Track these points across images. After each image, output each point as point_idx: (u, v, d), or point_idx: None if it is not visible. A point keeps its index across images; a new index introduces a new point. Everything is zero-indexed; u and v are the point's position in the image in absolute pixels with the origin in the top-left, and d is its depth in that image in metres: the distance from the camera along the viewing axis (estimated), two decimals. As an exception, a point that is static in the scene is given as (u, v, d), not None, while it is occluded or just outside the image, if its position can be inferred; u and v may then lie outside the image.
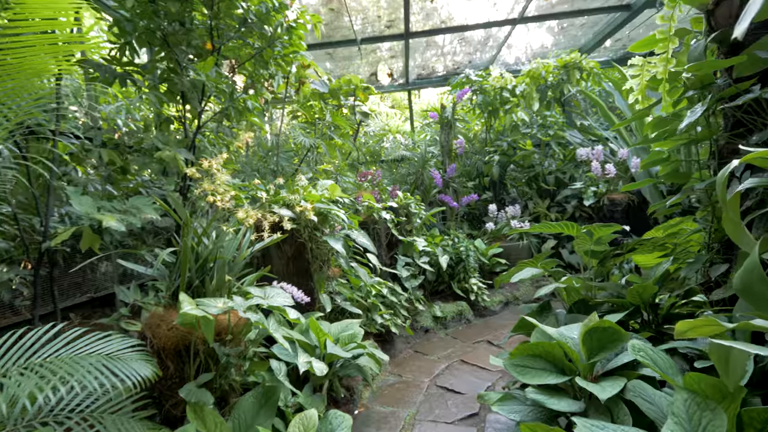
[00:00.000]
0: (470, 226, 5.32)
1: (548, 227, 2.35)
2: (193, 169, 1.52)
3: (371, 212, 3.97)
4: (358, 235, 3.58)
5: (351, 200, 4.16)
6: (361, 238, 3.23)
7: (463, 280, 4.11)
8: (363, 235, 3.71)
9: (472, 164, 5.70)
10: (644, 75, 2.07)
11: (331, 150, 4.19)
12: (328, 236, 2.71)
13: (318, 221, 2.89)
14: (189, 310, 1.28)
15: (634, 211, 4.28)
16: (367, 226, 3.99)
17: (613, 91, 5.23)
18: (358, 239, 3.12)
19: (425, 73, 6.02)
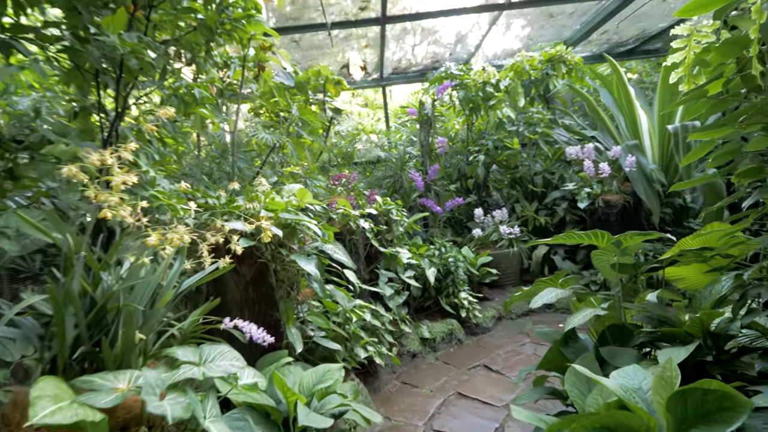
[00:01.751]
0: (454, 232, 4.89)
1: (572, 238, 1.91)
2: (74, 168, 0.96)
3: (347, 221, 3.45)
4: (335, 250, 3.04)
5: (324, 207, 3.62)
6: (338, 253, 2.70)
7: (452, 295, 3.65)
8: (339, 250, 3.18)
9: (453, 165, 5.28)
10: (692, 47, 1.67)
11: (299, 149, 3.63)
12: (298, 254, 2.17)
13: (284, 235, 2.33)
14: (51, 411, 0.72)
15: (630, 213, 3.97)
16: (343, 237, 3.46)
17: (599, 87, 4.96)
18: (335, 255, 2.59)
19: (401, 67, 5.56)
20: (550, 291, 1.90)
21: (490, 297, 4.04)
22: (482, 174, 4.73)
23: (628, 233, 1.87)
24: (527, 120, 4.61)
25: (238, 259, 2.39)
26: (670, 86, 3.93)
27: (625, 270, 2.04)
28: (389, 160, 5.37)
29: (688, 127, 3.50)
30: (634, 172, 3.90)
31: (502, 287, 4.20)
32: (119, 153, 1.06)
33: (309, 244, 2.49)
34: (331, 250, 3.12)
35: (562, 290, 1.88)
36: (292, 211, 2.31)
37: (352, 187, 4.03)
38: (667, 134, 3.97)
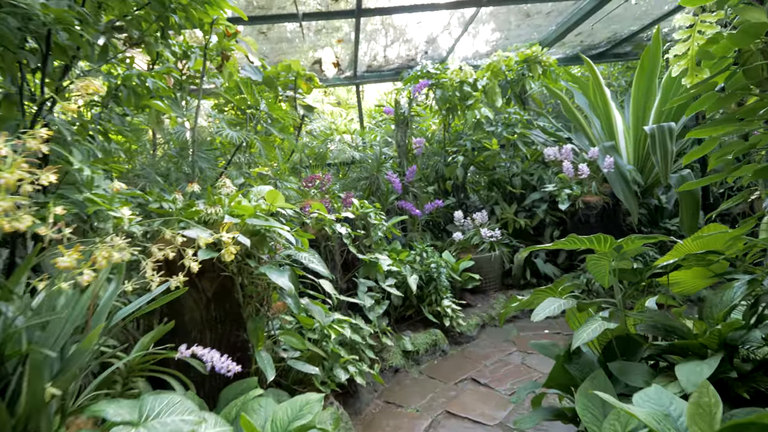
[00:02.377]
0: (433, 235, 4.72)
1: (574, 243, 1.75)
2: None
3: (322, 226, 3.20)
4: (310, 259, 2.79)
5: (296, 211, 3.35)
6: (313, 262, 2.45)
7: (435, 303, 3.46)
8: (315, 258, 2.92)
9: (431, 167, 5.12)
10: (696, 38, 1.55)
11: (268, 149, 3.35)
12: (268, 265, 1.91)
13: (253, 243, 2.06)
14: None
15: (609, 214, 3.93)
16: (317, 244, 3.21)
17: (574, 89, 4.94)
18: (310, 264, 2.34)
19: (376, 65, 5.35)
20: (551, 302, 1.73)
21: (473, 303, 3.89)
22: (461, 175, 4.59)
23: (630, 237, 1.73)
24: (505, 121, 4.51)
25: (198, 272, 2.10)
26: (645, 87, 3.92)
27: (626, 276, 1.91)
28: (365, 161, 5.15)
29: (664, 128, 3.48)
30: (612, 173, 3.86)
31: (484, 292, 4.06)
32: (27, 142, 0.79)
33: (281, 252, 2.24)
34: (306, 258, 2.87)
35: (565, 301, 1.72)
36: (262, 216, 2.05)
37: (327, 189, 3.78)
38: (643, 135, 3.96)
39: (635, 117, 4.07)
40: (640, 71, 3.85)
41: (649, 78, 3.84)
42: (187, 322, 2.12)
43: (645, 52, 3.74)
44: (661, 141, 3.44)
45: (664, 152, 3.43)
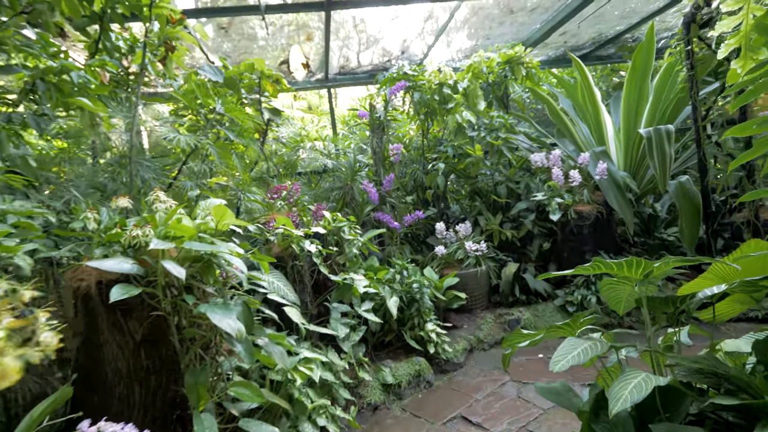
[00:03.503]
0: (412, 249, 4.36)
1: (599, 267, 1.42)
2: None
3: (289, 243, 2.78)
4: (273, 282, 2.37)
5: (259, 227, 2.92)
6: (278, 285, 2.04)
7: (418, 327, 3.09)
8: (280, 280, 2.51)
9: (409, 175, 4.78)
10: (751, 8, 1.25)
11: (225, 155, 2.92)
12: (210, 303, 1.48)
13: (193, 272, 1.64)
14: None
15: (602, 224, 3.67)
16: (284, 263, 2.79)
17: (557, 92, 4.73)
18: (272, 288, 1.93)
19: (349, 67, 5.00)
20: (573, 344, 1.38)
21: (458, 324, 3.53)
22: (442, 184, 4.27)
23: (664, 259, 1.41)
24: (488, 125, 4.22)
25: (124, 311, 1.65)
26: (637, 88, 3.71)
27: (655, 305, 1.59)
28: (338, 170, 4.75)
29: (661, 131, 3.25)
30: (604, 180, 3.62)
31: (470, 311, 3.72)
32: None
33: (234, 280, 1.81)
34: (269, 283, 2.45)
35: (591, 344, 1.36)
36: (206, 238, 1.63)
37: (295, 200, 3.37)
38: (637, 139, 3.74)
39: (626, 120, 3.86)
40: (632, 71, 3.64)
41: (641, 78, 3.63)
42: (111, 373, 1.67)
43: (637, 51, 3.53)
44: (659, 144, 3.21)
45: (662, 156, 3.20)
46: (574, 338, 1.40)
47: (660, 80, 3.67)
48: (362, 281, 2.87)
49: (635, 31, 4.63)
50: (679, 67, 3.46)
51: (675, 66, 3.54)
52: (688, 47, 3.21)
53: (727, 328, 3.13)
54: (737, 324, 3.15)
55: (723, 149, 3.16)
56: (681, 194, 3.30)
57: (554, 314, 3.52)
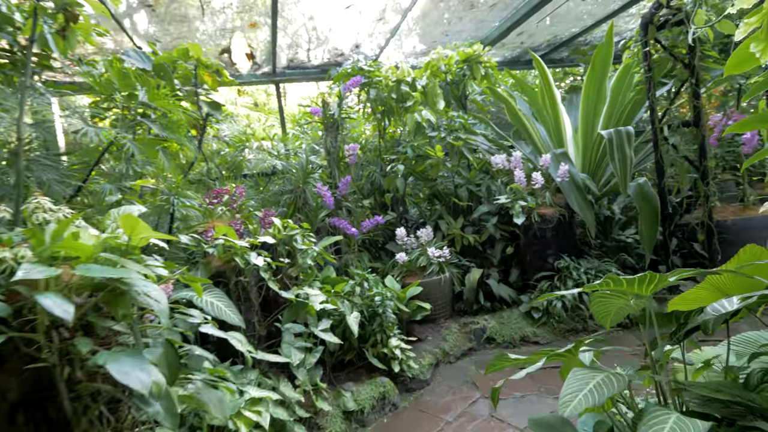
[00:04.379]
0: (371, 256, 4.07)
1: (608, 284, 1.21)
2: None
3: (231, 256, 2.39)
4: (212, 301, 1.99)
5: (194, 238, 2.50)
6: (220, 306, 1.66)
7: (381, 343, 2.80)
8: (221, 301, 2.12)
9: (366, 177, 4.49)
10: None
11: (151, 154, 2.46)
12: (115, 351, 1.10)
13: (95, 304, 1.25)
14: None
15: (564, 227, 3.60)
16: (226, 279, 2.40)
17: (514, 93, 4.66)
18: (205, 327, 1.55)
19: (299, 60, 4.62)
20: (583, 379, 1.14)
21: (423, 337, 3.29)
22: (402, 187, 4.02)
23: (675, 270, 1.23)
24: (448, 126, 4.04)
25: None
26: (596, 89, 3.69)
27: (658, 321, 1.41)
28: (288, 172, 4.36)
29: (622, 132, 3.22)
30: (565, 183, 3.54)
31: (433, 321, 3.49)
32: None
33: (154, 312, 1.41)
34: (207, 304, 2.06)
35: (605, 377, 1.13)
36: (111, 258, 1.23)
37: (239, 206, 2.96)
38: (598, 139, 3.71)
39: (585, 121, 3.83)
40: (591, 72, 3.61)
41: (600, 79, 3.61)
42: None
43: (597, 52, 3.50)
44: (620, 146, 3.17)
45: (623, 158, 3.16)
46: (583, 370, 1.17)
47: (616, 82, 3.68)
48: (318, 296, 2.54)
49: (588, 35, 4.68)
50: (636, 69, 3.47)
51: (631, 68, 3.55)
52: (646, 48, 3.20)
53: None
54: (696, 324, 3.18)
55: (679, 151, 3.18)
56: (640, 196, 3.28)
57: (520, 321, 3.38)
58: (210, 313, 2.14)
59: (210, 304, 2.17)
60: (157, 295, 1.17)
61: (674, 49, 3.16)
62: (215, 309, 2.15)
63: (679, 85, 3.14)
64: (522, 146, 4.55)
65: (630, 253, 3.66)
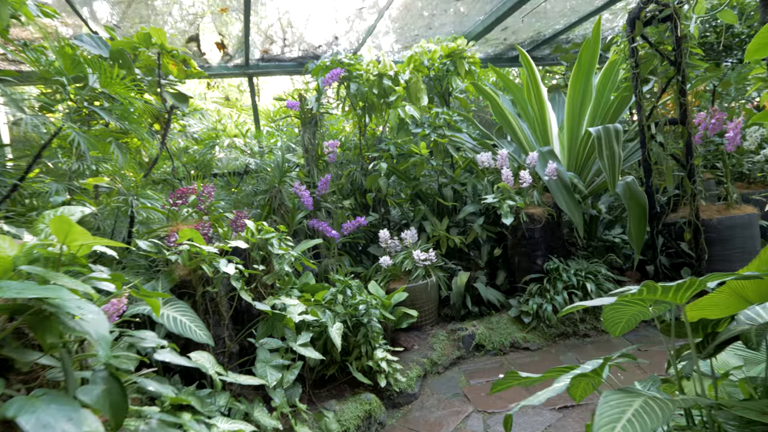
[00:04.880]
0: (352, 260, 3.85)
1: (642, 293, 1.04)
2: None
3: (198, 263, 2.13)
4: (175, 316, 1.73)
5: (154, 244, 2.22)
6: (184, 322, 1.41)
7: (365, 356, 2.58)
8: (182, 314, 1.87)
9: (346, 177, 4.26)
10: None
11: (103, 147, 2.17)
12: (32, 396, 0.84)
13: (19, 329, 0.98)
14: None
15: (552, 228, 3.49)
16: (192, 290, 2.14)
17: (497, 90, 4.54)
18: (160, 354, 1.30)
19: (274, 51, 4.35)
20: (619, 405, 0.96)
21: (409, 346, 3.10)
22: (384, 186, 3.82)
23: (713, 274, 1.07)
24: (432, 122, 3.87)
25: None
26: (582, 86, 3.60)
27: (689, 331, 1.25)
28: (263, 170, 4.10)
29: (610, 129, 3.13)
30: (553, 181, 3.44)
31: (419, 329, 3.30)
32: None
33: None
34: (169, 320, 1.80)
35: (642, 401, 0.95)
36: (35, 273, 0.97)
37: (208, 207, 2.69)
38: (585, 137, 3.63)
39: (571, 119, 3.74)
40: (578, 68, 3.51)
41: (586, 76, 3.52)
42: None
43: (584, 47, 3.41)
44: (608, 143, 3.08)
45: (612, 156, 3.06)
46: (616, 394, 0.99)
47: (602, 79, 3.60)
48: (297, 306, 2.30)
49: (571, 32, 4.62)
50: (622, 65, 3.40)
51: (617, 64, 3.49)
52: (633, 44, 3.12)
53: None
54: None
55: (666, 149, 3.12)
56: (629, 195, 3.20)
57: (509, 326, 3.24)
58: (173, 330, 1.88)
59: (173, 319, 1.91)
60: (95, 318, 0.92)
61: (660, 45, 3.10)
62: (179, 325, 1.89)
63: (665, 82, 3.08)
64: (505, 145, 4.44)
65: (617, 254, 3.58)
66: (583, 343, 3.10)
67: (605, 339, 3.12)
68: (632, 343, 3.02)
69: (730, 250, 3.25)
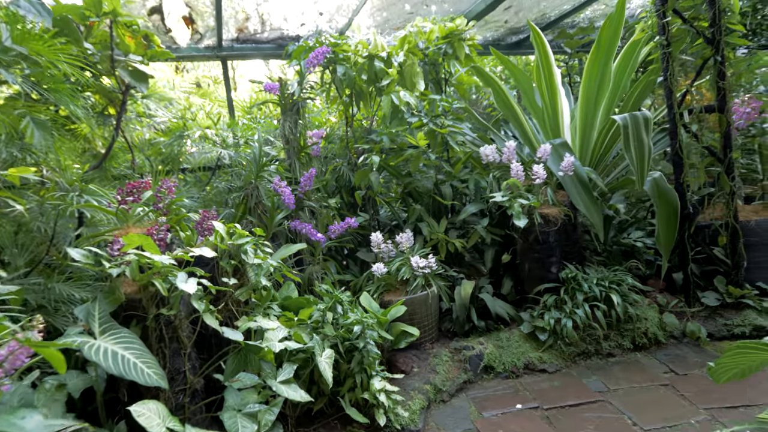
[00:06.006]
0: (338, 266, 3.39)
1: None
2: None
3: (149, 278, 1.64)
4: (115, 350, 1.26)
5: (89, 254, 1.72)
6: (127, 358, 0.98)
7: (360, 387, 2.13)
8: (125, 347, 1.39)
9: (331, 172, 3.80)
10: None
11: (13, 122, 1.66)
12: None
13: None
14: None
15: (568, 230, 3.11)
16: (141, 311, 1.65)
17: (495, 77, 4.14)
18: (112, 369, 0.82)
19: (250, 30, 3.84)
20: None
21: (408, 368, 2.65)
22: (376, 183, 3.37)
23: None
24: (429, 111, 3.44)
25: None
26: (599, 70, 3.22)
27: None
28: (238, 164, 3.59)
29: (638, 117, 2.76)
30: (568, 178, 3.06)
31: (418, 347, 2.87)
32: None
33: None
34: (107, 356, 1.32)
35: None
36: None
37: (167, 206, 2.19)
38: (608, 126, 3.24)
39: (585, 108, 3.36)
40: (596, 49, 3.12)
41: (606, 57, 3.12)
42: None
43: (605, 24, 3.02)
44: (636, 134, 2.71)
45: (641, 148, 2.69)
46: None
47: (621, 61, 3.23)
48: (277, 331, 1.83)
49: (577, 15, 4.27)
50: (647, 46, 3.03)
51: (638, 45, 3.12)
52: (665, 19, 2.75)
53: (714, 348, 2.73)
54: (721, 343, 2.78)
55: (700, 141, 2.77)
56: (657, 193, 2.84)
57: (522, 344, 2.84)
58: (112, 372, 1.39)
59: (112, 356, 1.43)
60: None
61: (695, 21, 2.74)
62: (121, 364, 1.41)
63: (701, 63, 2.72)
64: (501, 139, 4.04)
65: (640, 260, 3.23)
66: (608, 364, 2.72)
67: (633, 359, 2.74)
68: (663, 363, 2.66)
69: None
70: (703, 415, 2.14)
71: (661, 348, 2.82)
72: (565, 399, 2.41)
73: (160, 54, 2.90)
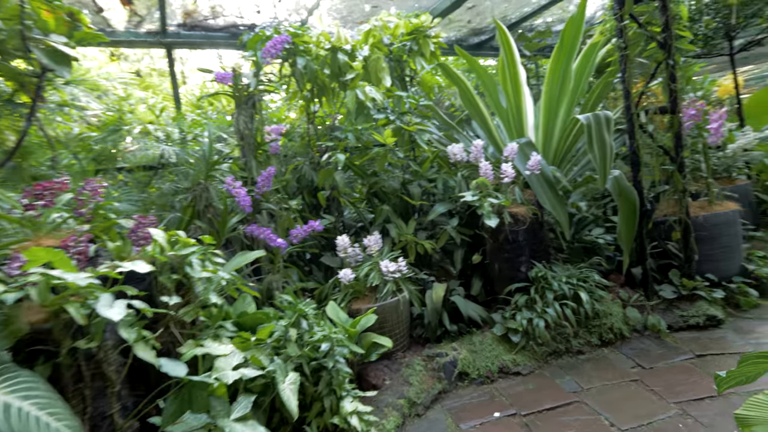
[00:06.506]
0: (301, 273, 3.14)
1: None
2: None
3: (61, 303, 1.33)
4: (10, 403, 0.93)
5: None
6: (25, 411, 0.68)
7: (330, 411, 1.91)
8: (24, 397, 1.08)
9: (291, 172, 3.53)
10: None
11: None
12: None
13: None
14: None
15: (535, 229, 3.06)
16: (52, 344, 1.33)
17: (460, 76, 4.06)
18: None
19: (199, 17, 3.49)
20: None
21: (379, 382, 2.47)
22: (341, 182, 3.16)
23: None
24: (396, 108, 3.28)
25: None
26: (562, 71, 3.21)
27: None
28: (185, 162, 3.24)
29: (600, 117, 2.76)
30: (534, 176, 3.01)
31: (389, 357, 2.68)
32: None
33: None
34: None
35: None
36: None
37: (92, 211, 1.85)
38: (571, 125, 3.23)
39: (548, 107, 3.34)
40: (559, 49, 3.11)
41: (567, 58, 3.13)
42: None
43: (568, 25, 3.01)
44: (599, 133, 2.70)
45: (603, 147, 2.69)
46: None
47: (581, 62, 3.25)
48: (231, 357, 1.57)
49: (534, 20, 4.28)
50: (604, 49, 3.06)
51: (596, 47, 3.14)
52: (622, 23, 2.77)
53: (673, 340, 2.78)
54: (678, 334, 2.83)
55: (655, 140, 2.81)
56: (618, 191, 2.86)
57: (495, 347, 2.74)
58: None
59: (2, 411, 1.11)
60: None
61: (648, 26, 2.78)
62: (15, 420, 1.10)
63: (654, 66, 2.77)
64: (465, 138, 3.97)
65: (600, 255, 3.25)
66: (579, 362, 2.68)
67: (601, 355, 2.73)
68: (629, 358, 2.66)
69: (715, 249, 3.04)
70: (674, 409, 2.13)
71: (626, 342, 2.83)
72: (542, 403, 2.33)
73: (91, 37, 2.51)
